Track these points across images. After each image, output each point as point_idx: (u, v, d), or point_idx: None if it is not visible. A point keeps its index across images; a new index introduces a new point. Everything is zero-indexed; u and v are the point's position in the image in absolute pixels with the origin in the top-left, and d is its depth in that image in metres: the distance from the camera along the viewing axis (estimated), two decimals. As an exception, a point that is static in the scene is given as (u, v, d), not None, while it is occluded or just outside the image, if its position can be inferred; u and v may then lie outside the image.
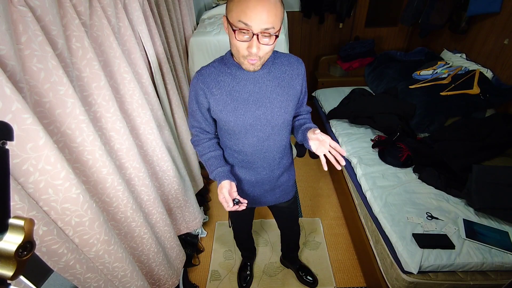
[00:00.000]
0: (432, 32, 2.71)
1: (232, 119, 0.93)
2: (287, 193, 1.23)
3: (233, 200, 0.92)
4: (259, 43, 0.75)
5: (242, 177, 1.11)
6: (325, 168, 0.87)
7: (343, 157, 0.86)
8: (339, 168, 0.86)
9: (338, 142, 2.20)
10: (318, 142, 0.90)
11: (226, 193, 0.92)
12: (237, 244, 1.71)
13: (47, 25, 0.67)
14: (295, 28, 3.16)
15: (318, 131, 0.89)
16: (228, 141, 1.04)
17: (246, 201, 0.93)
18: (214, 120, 1.03)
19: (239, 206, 0.92)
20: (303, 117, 1.11)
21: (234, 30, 0.75)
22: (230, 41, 0.81)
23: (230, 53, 0.91)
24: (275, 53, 0.95)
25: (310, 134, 0.93)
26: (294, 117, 1.11)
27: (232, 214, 1.36)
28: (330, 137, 0.89)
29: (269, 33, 0.75)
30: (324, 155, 0.88)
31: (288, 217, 1.42)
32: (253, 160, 1.05)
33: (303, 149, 2.75)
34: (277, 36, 0.77)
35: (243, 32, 0.74)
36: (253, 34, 0.73)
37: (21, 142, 0.60)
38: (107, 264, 0.90)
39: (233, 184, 0.96)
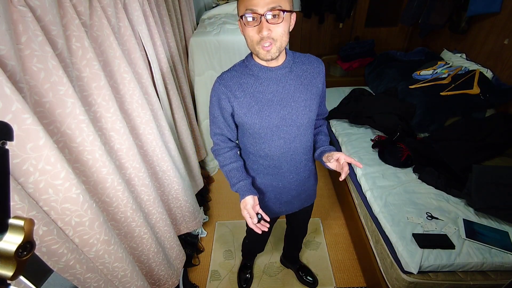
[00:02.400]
0: (432, 32, 2.71)
1: (258, 121, 0.92)
2: (311, 197, 1.22)
3: (256, 214, 0.91)
4: (268, 23, 0.76)
5: (269, 184, 1.08)
6: (341, 178, 0.90)
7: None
8: (361, 166, 0.89)
9: (338, 142, 2.20)
10: (336, 162, 0.92)
11: (251, 209, 0.90)
12: (244, 249, 1.70)
13: (47, 25, 0.67)
14: (295, 28, 3.13)
15: (333, 157, 0.92)
16: (252, 146, 1.01)
17: (268, 219, 0.92)
18: (236, 126, 1.02)
19: (261, 226, 0.91)
20: (319, 130, 1.11)
21: (242, 18, 0.77)
22: (245, 37, 0.81)
23: (251, 55, 0.91)
24: (293, 53, 0.95)
25: (326, 160, 0.95)
26: None
27: (251, 229, 1.35)
28: (330, 137, 0.89)
29: (277, 10, 0.74)
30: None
31: (303, 220, 1.41)
32: (279, 164, 1.02)
33: None
34: (284, 12, 0.76)
35: (252, 18, 0.75)
36: (261, 16, 0.74)
37: (21, 142, 0.60)
38: (107, 264, 0.90)
39: (256, 199, 0.94)
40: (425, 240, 1.33)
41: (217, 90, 0.92)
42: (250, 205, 0.91)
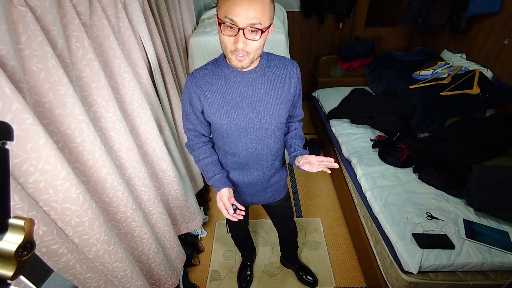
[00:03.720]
0: (432, 32, 2.71)
1: (226, 122, 0.94)
2: (279, 192, 1.24)
3: (231, 205, 0.94)
4: (246, 38, 0.75)
5: (235, 178, 1.13)
6: (329, 171, 0.92)
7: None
8: (336, 166, 0.89)
9: (338, 142, 2.20)
10: (310, 166, 0.94)
11: (226, 201, 0.94)
12: (236, 245, 1.71)
13: (47, 25, 0.67)
14: (295, 28, 3.16)
15: (302, 160, 0.93)
16: (221, 143, 1.04)
17: (243, 208, 0.95)
18: (209, 123, 1.03)
19: (236, 216, 0.94)
20: (294, 133, 1.12)
21: (220, 24, 0.75)
22: (219, 39, 0.81)
23: (223, 55, 0.91)
24: (269, 55, 0.95)
25: (304, 165, 0.96)
26: (286, 122, 1.11)
27: (228, 219, 1.37)
28: (330, 137, 0.90)
29: (256, 28, 0.74)
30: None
31: (282, 215, 1.42)
32: (246, 162, 1.06)
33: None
34: (262, 32, 0.75)
35: (230, 27, 0.74)
36: (239, 29, 0.73)
37: (21, 142, 0.60)
38: (107, 264, 0.90)
39: (231, 191, 0.98)
40: (425, 240, 1.33)
41: (188, 88, 0.93)
42: (225, 197, 0.95)
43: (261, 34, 0.76)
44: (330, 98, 2.72)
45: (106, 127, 0.94)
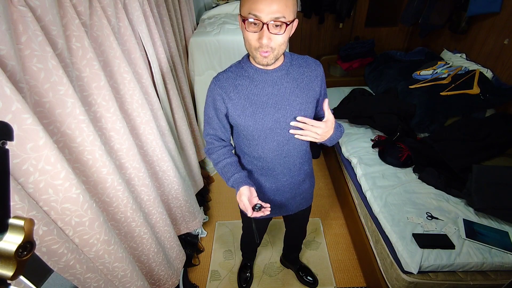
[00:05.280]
0: (432, 32, 2.71)
1: (251, 124, 0.91)
2: (307, 200, 1.21)
3: (255, 205, 0.87)
4: (270, 32, 0.75)
5: (263, 185, 1.08)
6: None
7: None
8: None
9: (338, 142, 2.20)
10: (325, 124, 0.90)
11: (246, 200, 0.87)
12: (242, 248, 1.70)
13: (47, 25, 0.67)
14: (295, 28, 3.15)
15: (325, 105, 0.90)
16: (246, 147, 1.01)
17: (268, 205, 0.89)
18: (231, 127, 1.02)
19: (263, 211, 0.87)
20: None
21: (244, 21, 0.75)
22: (244, 37, 0.80)
23: (247, 56, 0.91)
24: (292, 55, 0.94)
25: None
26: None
27: (246, 222, 1.34)
28: None
29: (280, 21, 0.73)
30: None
31: (301, 223, 1.41)
32: (273, 166, 1.02)
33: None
34: (287, 25, 0.75)
35: (254, 24, 0.74)
36: (263, 24, 0.73)
37: (21, 142, 0.60)
38: (107, 264, 0.90)
39: (253, 190, 0.92)
40: (425, 240, 1.33)
41: (212, 91, 0.92)
42: (245, 196, 0.88)
43: (285, 28, 0.75)
44: (330, 98, 2.69)
45: (106, 127, 0.93)
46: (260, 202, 0.89)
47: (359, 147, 2.02)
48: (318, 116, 1.07)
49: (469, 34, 2.30)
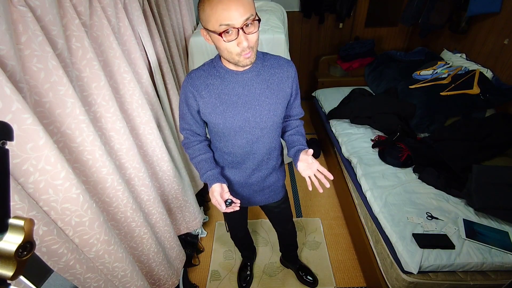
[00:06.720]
0: (432, 32, 2.71)
1: (221, 122, 0.94)
2: (277, 193, 1.24)
3: (226, 201, 0.93)
4: (246, 34, 0.76)
5: (232, 178, 1.13)
6: (310, 188, 0.93)
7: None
8: (321, 191, 0.91)
9: (338, 142, 2.20)
10: (306, 164, 0.94)
11: (218, 196, 0.93)
12: (236, 245, 1.70)
13: (47, 25, 0.67)
14: (295, 28, 3.16)
15: (310, 151, 0.92)
16: (218, 142, 1.05)
17: (238, 201, 0.95)
18: (205, 122, 1.04)
19: (233, 207, 0.94)
20: (296, 130, 1.11)
21: (220, 34, 0.75)
22: (218, 47, 0.81)
23: (219, 56, 0.92)
24: (265, 55, 0.95)
25: (302, 155, 0.96)
26: (285, 121, 1.12)
27: (226, 215, 1.37)
28: (330, 137, 0.89)
29: (252, 20, 0.75)
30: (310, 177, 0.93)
31: (280, 217, 1.42)
32: (242, 161, 1.07)
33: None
34: (258, 20, 0.77)
35: (229, 32, 0.75)
36: (238, 30, 0.74)
37: (21, 142, 0.60)
38: (107, 264, 0.90)
39: (224, 186, 0.98)
40: (425, 240, 1.33)
41: (185, 88, 0.94)
42: (217, 193, 0.94)
43: (258, 24, 0.77)
44: (330, 98, 2.72)
45: (106, 127, 0.94)
46: (231, 197, 0.95)
47: (359, 147, 2.02)
48: (290, 114, 1.11)
49: (469, 34, 2.30)
